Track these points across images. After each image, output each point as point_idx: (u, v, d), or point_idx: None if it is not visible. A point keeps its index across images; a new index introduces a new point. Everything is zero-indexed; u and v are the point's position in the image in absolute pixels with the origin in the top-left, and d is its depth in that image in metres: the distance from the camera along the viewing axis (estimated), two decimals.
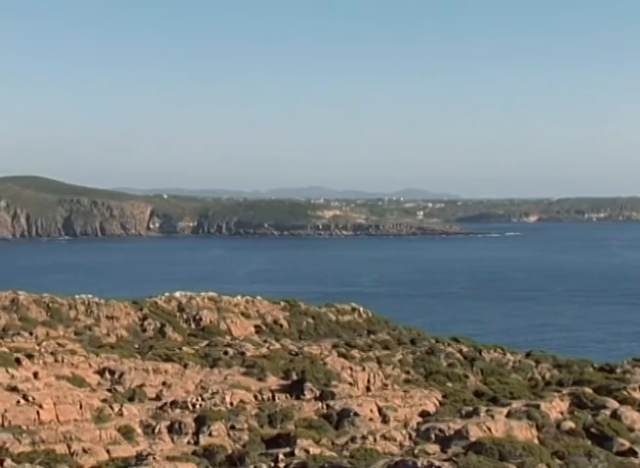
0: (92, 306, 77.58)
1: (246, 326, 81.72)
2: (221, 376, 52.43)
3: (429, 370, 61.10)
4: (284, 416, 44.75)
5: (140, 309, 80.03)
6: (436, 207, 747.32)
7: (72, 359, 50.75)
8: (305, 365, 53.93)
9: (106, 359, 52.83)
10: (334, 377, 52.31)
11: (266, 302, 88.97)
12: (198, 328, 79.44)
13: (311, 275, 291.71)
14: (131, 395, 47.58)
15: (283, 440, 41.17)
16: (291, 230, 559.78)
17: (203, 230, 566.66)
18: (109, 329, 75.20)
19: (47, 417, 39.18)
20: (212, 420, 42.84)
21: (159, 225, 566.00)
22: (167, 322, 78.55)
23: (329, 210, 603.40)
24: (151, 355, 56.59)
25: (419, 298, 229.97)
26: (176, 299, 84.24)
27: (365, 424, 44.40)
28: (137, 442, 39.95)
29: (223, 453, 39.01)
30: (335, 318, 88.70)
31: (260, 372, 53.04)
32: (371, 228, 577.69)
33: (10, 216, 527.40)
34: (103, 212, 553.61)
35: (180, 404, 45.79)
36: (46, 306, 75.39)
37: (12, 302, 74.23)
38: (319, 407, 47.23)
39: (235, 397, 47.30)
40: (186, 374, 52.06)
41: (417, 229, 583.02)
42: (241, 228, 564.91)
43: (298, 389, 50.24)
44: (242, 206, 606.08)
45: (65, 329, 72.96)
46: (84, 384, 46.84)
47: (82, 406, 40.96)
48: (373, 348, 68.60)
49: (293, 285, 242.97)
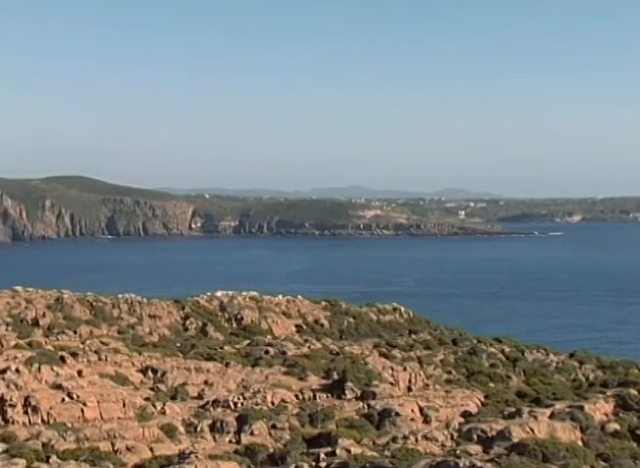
0: (135, 305, 78.18)
1: (287, 325, 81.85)
2: (263, 376, 52.56)
3: (471, 371, 60.68)
4: (325, 416, 44.76)
5: (183, 308, 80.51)
6: (478, 206, 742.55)
7: (115, 357, 51.21)
8: (346, 364, 53.89)
9: (149, 358, 53.23)
10: (375, 377, 52.21)
11: (307, 302, 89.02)
12: (239, 327, 79.70)
13: (352, 275, 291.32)
14: (173, 394, 47.89)
15: (324, 439, 41.18)
16: (332, 230, 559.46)
17: (244, 230, 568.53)
18: (152, 327, 75.72)
19: (91, 415, 39.58)
20: (253, 419, 42.97)
21: (201, 225, 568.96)
22: (209, 321, 78.91)
23: (370, 209, 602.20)
24: (193, 354, 56.91)
25: (460, 298, 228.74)
26: (217, 299, 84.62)
27: (406, 424, 44.26)
28: (179, 440, 40.21)
29: (265, 452, 39.14)
30: (376, 318, 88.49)
31: (301, 372, 53.08)
32: (412, 228, 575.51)
33: (55, 216, 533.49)
34: (146, 211, 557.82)
35: (221, 403, 46.00)
36: (90, 305, 76.12)
37: (56, 301, 75.04)
38: (360, 406, 47.16)
39: (276, 396, 47.41)
40: (228, 373, 52.26)
41: (458, 229, 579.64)
42: (282, 228, 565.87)
43: (339, 389, 50.22)
44: (283, 205, 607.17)
45: (109, 327, 73.61)
46: (127, 383, 47.22)
47: (125, 404, 41.32)
48: (414, 348, 68.30)
49: (333, 284, 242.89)
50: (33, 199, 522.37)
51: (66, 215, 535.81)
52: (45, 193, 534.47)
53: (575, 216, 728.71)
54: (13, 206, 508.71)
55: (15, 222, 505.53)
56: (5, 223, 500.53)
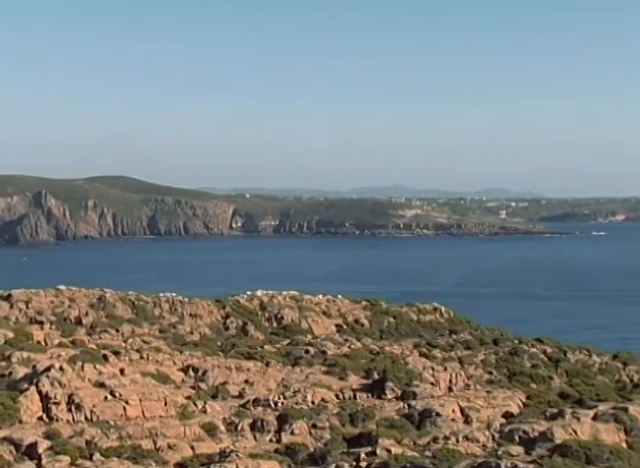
0: (176, 304, 78.65)
1: (327, 325, 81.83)
2: (303, 375, 52.61)
3: (512, 371, 60.23)
4: (365, 416, 44.68)
5: (223, 307, 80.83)
6: (519, 206, 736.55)
7: (157, 356, 51.58)
8: (387, 364, 53.76)
9: (190, 356, 53.55)
10: (415, 377, 52.03)
11: (347, 301, 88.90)
12: (280, 326, 79.84)
13: (392, 274, 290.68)
14: (214, 392, 48.12)
15: (364, 439, 41.13)
16: (372, 229, 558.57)
17: (284, 229, 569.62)
18: (193, 327, 76.12)
19: (133, 413, 39.88)
20: (294, 419, 43.02)
21: (241, 224, 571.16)
22: (249, 320, 79.15)
23: (410, 209, 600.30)
24: (234, 353, 57.14)
25: (501, 298, 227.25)
26: (258, 298, 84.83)
27: (447, 424, 44.04)
28: (220, 439, 40.37)
29: (305, 452, 39.17)
30: (416, 317, 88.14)
31: (341, 371, 53.05)
32: (452, 227, 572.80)
33: (97, 216, 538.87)
34: (187, 211, 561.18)
35: (262, 402, 46.11)
36: (131, 304, 76.72)
37: (99, 300, 75.74)
38: (401, 406, 47.02)
39: (317, 395, 47.43)
40: (268, 373, 52.38)
41: (499, 229, 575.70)
42: (322, 227, 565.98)
43: (379, 388, 50.12)
44: (323, 205, 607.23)
45: (150, 326, 74.13)
46: (168, 381, 47.53)
47: (167, 402, 41.57)
48: (455, 348, 67.95)
49: (373, 284, 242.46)
50: (76, 199, 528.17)
51: (109, 215, 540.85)
52: (88, 193, 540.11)
53: (618, 216, 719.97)
54: (56, 206, 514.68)
55: (58, 222, 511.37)
56: (49, 223, 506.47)
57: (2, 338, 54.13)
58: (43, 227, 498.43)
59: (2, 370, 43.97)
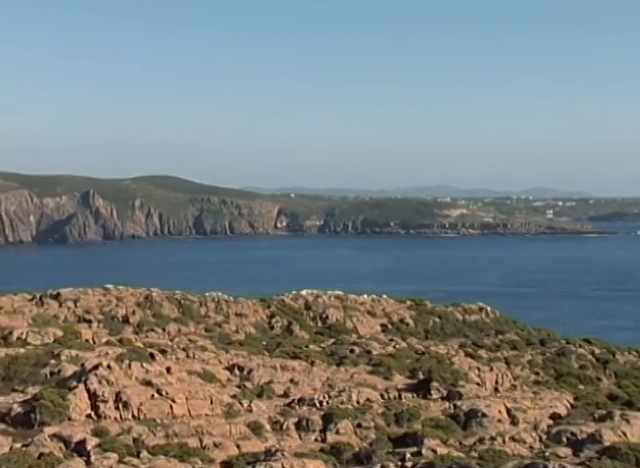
0: (221, 304, 79.01)
1: (372, 324, 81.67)
2: (348, 375, 52.57)
3: (560, 372, 59.59)
4: (411, 416, 44.52)
5: (268, 307, 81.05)
6: (566, 205, 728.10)
7: (203, 355, 51.90)
8: (432, 364, 53.51)
9: (235, 355, 53.79)
10: (461, 377, 51.72)
11: (392, 301, 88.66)
12: (325, 326, 79.86)
13: (437, 274, 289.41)
14: (259, 391, 48.27)
15: (410, 439, 40.98)
16: (417, 229, 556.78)
17: (329, 229, 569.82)
18: (238, 326, 76.43)
19: (179, 412, 40.16)
20: (339, 418, 43.00)
21: (286, 224, 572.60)
22: (294, 320, 79.27)
23: (456, 208, 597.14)
24: (279, 352, 57.30)
25: (547, 298, 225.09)
26: (303, 297, 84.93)
27: (493, 425, 43.71)
28: (265, 438, 40.47)
29: (350, 451, 39.11)
30: (461, 317, 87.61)
31: (386, 371, 52.91)
32: (498, 227, 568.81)
33: (144, 215, 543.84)
34: (232, 210, 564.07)
35: (307, 401, 46.15)
36: (178, 303, 77.21)
37: (146, 299, 76.35)
38: (446, 406, 46.78)
39: (362, 395, 47.36)
40: (313, 372, 52.42)
41: (546, 228, 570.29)
42: (367, 227, 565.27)
43: (424, 388, 49.91)
44: (368, 204, 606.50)
45: (196, 325, 74.56)
46: (214, 380, 47.78)
47: (213, 401, 41.80)
48: (501, 348, 67.43)
49: (418, 283, 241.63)
50: (123, 199, 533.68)
51: (155, 215, 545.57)
52: (135, 193, 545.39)
53: None
54: (104, 205, 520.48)
55: (106, 221, 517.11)
56: (97, 222, 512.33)
57: (51, 337, 54.87)
58: (91, 227, 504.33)
59: (51, 368, 44.60)
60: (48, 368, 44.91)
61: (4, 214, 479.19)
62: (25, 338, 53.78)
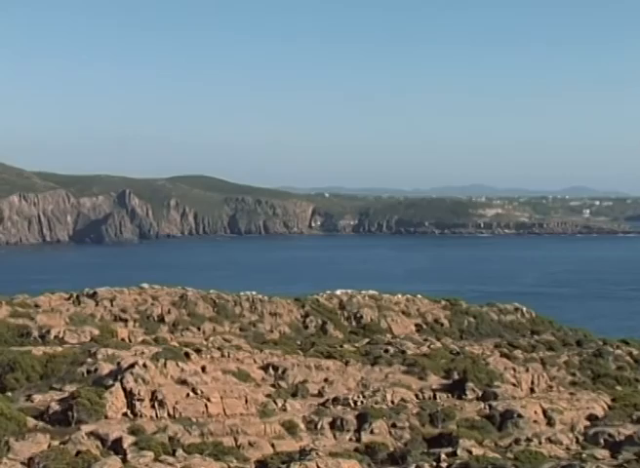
0: (256, 303, 79.18)
1: (406, 324, 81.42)
2: (382, 374, 52.46)
3: (597, 373, 59.06)
4: (446, 416, 44.35)
5: (303, 306, 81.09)
6: (604, 205, 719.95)
7: (238, 354, 52.04)
8: (467, 364, 53.25)
9: (270, 355, 53.88)
10: (496, 378, 51.43)
11: (427, 301, 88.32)
12: (359, 325, 79.74)
13: (472, 274, 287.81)
14: (294, 391, 48.33)
15: (445, 439, 40.82)
16: (452, 229, 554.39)
17: (364, 228, 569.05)
18: (273, 325, 76.55)
19: (215, 410, 40.30)
20: (373, 418, 42.93)
21: (320, 224, 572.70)
22: (328, 319, 79.24)
23: (491, 208, 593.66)
24: (313, 352, 57.30)
25: (584, 299, 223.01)
26: (337, 297, 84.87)
27: (529, 426, 43.43)
28: (300, 437, 40.50)
29: (385, 451, 39.05)
30: (497, 317, 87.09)
31: (420, 371, 52.74)
32: (534, 227, 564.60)
33: (179, 215, 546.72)
34: (267, 210, 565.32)
35: (341, 400, 46.14)
36: (213, 302, 77.47)
37: (181, 298, 76.70)
38: (481, 407, 46.53)
39: (396, 395, 47.26)
40: (348, 372, 52.38)
41: (582, 228, 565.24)
42: (402, 226, 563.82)
43: (459, 389, 49.69)
44: (403, 204, 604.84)
45: (231, 325, 74.78)
46: (249, 379, 47.91)
47: (247, 400, 41.89)
48: (536, 349, 66.97)
49: (453, 283, 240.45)
50: (159, 198, 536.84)
51: (190, 214, 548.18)
52: (170, 193, 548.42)
53: None
54: (140, 205, 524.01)
55: (141, 221, 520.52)
56: (132, 222, 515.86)
57: (88, 335, 55.37)
58: (127, 226, 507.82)
59: (88, 367, 44.97)
60: (85, 366, 45.29)
61: (42, 213, 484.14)
62: (63, 337, 54.32)
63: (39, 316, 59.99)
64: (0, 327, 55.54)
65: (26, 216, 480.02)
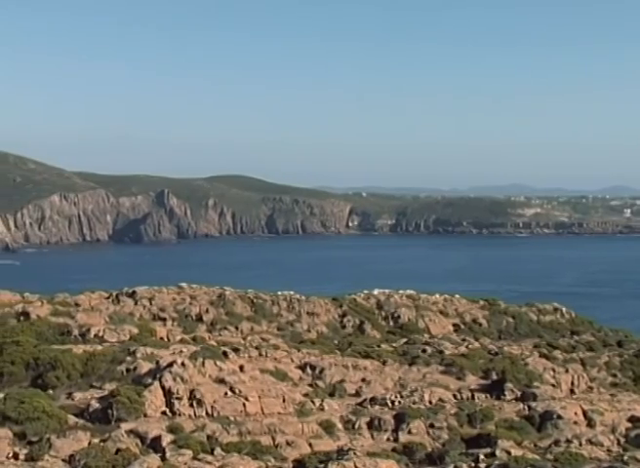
0: (293, 302, 79.34)
1: (444, 324, 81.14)
2: (420, 374, 52.31)
3: (638, 374, 58.38)
4: (484, 416, 44.09)
5: (340, 306, 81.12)
6: None
7: (275, 353, 52.16)
8: (506, 364, 52.91)
9: (307, 354, 53.93)
10: (535, 378, 51.06)
11: (465, 301, 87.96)
12: (396, 325, 79.60)
13: (511, 274, 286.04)
14: (331, 390, 48.33)
15: (483, 440, 40.57)
16: (490, 228, 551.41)
17: (401, 228, 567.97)
18: (310, 325, 76.66)
19: (252, 409, 40.41)
20: (411, 418, 42.80)
21: (358, 223, 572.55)
22: (366, 319, 79.19)
23: (530, 207, 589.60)
24: (351, 351, 57.27)
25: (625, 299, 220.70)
26: (374, 297, 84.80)
27: (569, 427, 43.03)
28: (337, 436, 40.48)
29: (423, 451, 38.90)
30: (536, 318, 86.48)
31: (458, 371, 52.50)
32: (574, 226, 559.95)
33: (217, 215, 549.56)
34: (304, 210, 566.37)
35: (379, 400, 46.06)
36: (250, 302, 77.75)
37: (219, 297, 77.05)
38: (520, 408, 46.20)
39: (434, 395, 47.08)
40: (385, 371, 52.29)
41: (623, 228, 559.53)
42: (439, 226, 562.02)
43: (498, 389, 49.39)
44: (440, 204, 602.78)
45: (269, 324, 75.01)
46: (286, 378, 47.98)
47: (285, 399, 41.96)
48: (576, 349, 66.37)
49: (491, 283, 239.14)
50: (197, 198, 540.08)
51: (228, 214, 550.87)
52: (208, 192, 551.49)
53: None
54: (178, 205, 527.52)
55: (180, 221, 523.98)
56: (171, 221, 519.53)
57: (127, 334, 55.74)
58: (165, 226, 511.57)
59: (127, 365, 45.31)
60: (124, 365, 45.63)
61: (82, 213, 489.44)
62: (102, 336, 54.72)
63: (79, 315, 60.52)
64: (41, 325, 56.13)
65: (67, 216, 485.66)
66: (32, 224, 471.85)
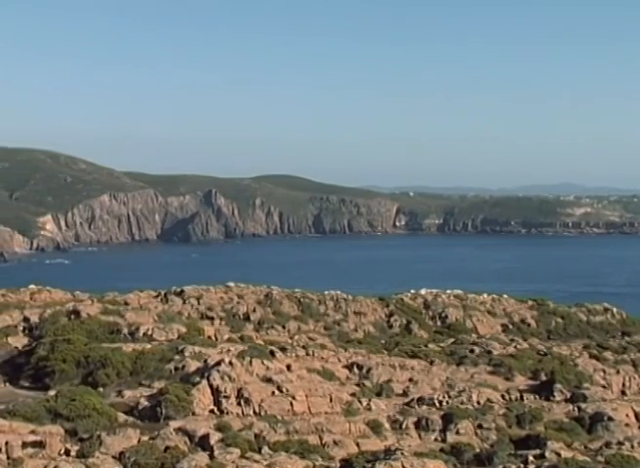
0: (340, 302, 79.36)
1: (492, 324, 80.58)
2: (468, 374, 52.03)
3: None
4: (533, 417, 43.72)
5: (387, 306, 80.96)
6: None
7: (322, 353, 52.21)
8: (555, 365, 52.42)
9: (354, 354, 53.91)
10: (585, 379, 50.51)
11: (513, 301, 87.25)
12: (444, 325, 79.23)
13: (560, 274, 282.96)
14: (378, 390, 48.26)
15: (532, 441, 40.24)
16: (538, 228, 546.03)
17: (448, 227, 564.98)
18: (357, 324, 76.63)
19: (300, 409, 40.54)
20: (459, 418, 42.60)
21: (405, 223, 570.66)
22: (413, 319, 78.94)
23: (579, 207, 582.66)
24: (398, 351, 57.14)
25: None
26: (422, 296, 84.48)
27: (620, 429, 42.50)
28: (385, 436, 40.45)
29: (471, 452, 38.69)
30: (585, 318, 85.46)
31: (507, 372, 52.14)
32: (625, 226, 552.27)
33: (264, 214, 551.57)
34: (351, 209, 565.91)
35: (426, 400, 45.91)
36: (297, 301, 77.92)
37: (266, 297, 77.35)
38: (570, 409, 45.75)
39: (482, 396, 46.79)
40: (433, 371, 52.08)
41: None
42: (487, 226, 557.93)
43: (547, 390, 48.94)
44: (488, 203, 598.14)
45: (315, 323, 75.11)
46: (333, 378, 48.01)
47: (332, 399, 42.03)
48: (627, 351, 65.38)
49: (540, 283, 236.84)
50: (244, 197, 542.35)
51: (275, 214, 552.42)
52: (255, 192, 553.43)
53: None
54: (226, 204, 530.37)
55: (227, 220, 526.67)
56: (218, 221, 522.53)
57: (175, 333, 56.26)
58: (213, 225, 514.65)
59: (176, 364, 45.74)
60: (172, 363, 46.06)
61: (131, 212, 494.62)
62: (151, 334, 55.29)
63: (128, 313, 61.20)
64: (92, 324, 56.89)
65: (116, 216, 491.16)
66: (82, 224, 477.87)
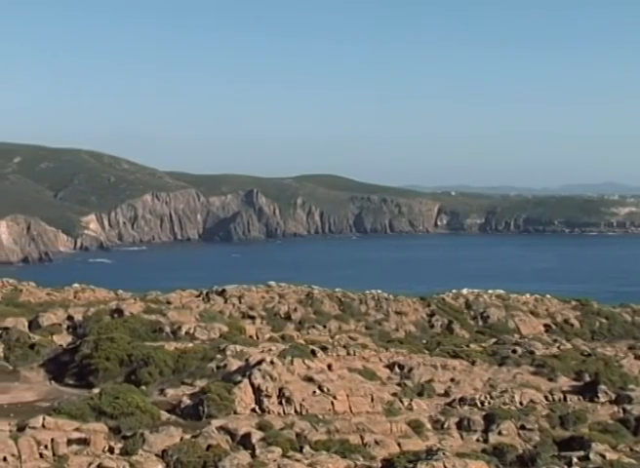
0: (381, 301, 79.30)
1: (535, 324, 79.94)
2: (510, 375, 51.67)
3: None
4: (577, 419, 43.30)
5: (428, 305, 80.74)
6: None
7: (363, 352, 52.22)
8: (599, 366, 51.85)
9: (396, 353, 53.83)
10: (630, 381, 49.90)
11: (556, 301, 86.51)
12: (485, 325, 78.81)
13: (604, 274, 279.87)
14: (420, 390, 48.12)
15: (576, 443, 39.84)
16: (582, 228, 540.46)
17: (490, 227, 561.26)
18: (398, 324, 76.51)
19: (341, 408, 40.54)
20: (501, 419, 42.33)
21: (446, 222, 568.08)
22: (454, 318, 78.63)
23: (624, 206, 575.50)
24: (439, 351, 56.94)
25: None
26: (463, 296, 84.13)
27: None
28: (426, 436, 40.31)
29: (514, 453, 38.43)
30: (630, 319, 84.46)
31: (550, 372, 51.69)
32: None
33: (305, 214, 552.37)
34: (392, 209, 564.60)
35: (468, 401, 45.67)
36: (338, 301, 78.02)
37: (307, 296, 77.54)
38: (615, 410, 45.23)
39: (525, 396, 46.44)
40: (474, 372, 51.81)
41: None
42: (529, 225, 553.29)
43: (591, 391, 48.40)
44: (531, 202, 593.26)
45: (356, 323, 75.14)
46: (375, 378, 47.97)
47: (373, 398, 41.96)
48: None
49: (584, 283, 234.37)
50: (286, 197, 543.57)
51: (316, 213, 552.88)
52: (296, 191, 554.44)
53: None
54: (267, 204, 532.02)
55: (269, 220, 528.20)
56: (260, 221, 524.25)
57: (217, 332, 56.57)
58: (254, 225, 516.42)
59: (218, 363, 46.02)
60: (214, 362, 46.34)
61: (173, 212, 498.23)
62: (193, 333, 55.65)
63: (171, 312, 61.67)
64: (134, 322, 57.40)
65: (159, 215, 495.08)
66: (125, 223, 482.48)
